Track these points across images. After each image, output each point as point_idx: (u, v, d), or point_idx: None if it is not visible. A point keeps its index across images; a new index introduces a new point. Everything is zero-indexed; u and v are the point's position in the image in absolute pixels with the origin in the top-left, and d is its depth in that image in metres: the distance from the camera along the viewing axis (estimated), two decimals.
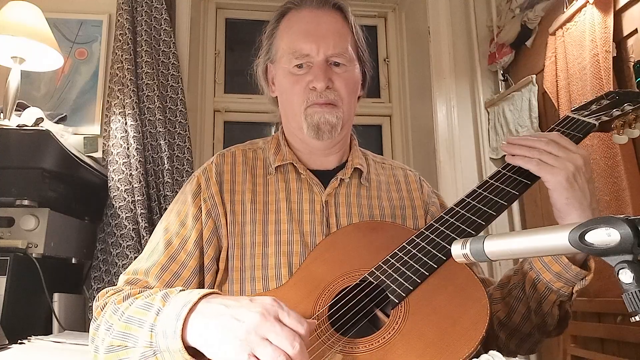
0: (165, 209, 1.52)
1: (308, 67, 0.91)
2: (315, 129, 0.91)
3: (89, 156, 1.82)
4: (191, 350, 0.64)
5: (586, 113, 0.89)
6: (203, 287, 0.87)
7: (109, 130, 1.98)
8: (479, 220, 0.77)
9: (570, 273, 0.75)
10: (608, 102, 0.91)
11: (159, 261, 0.84)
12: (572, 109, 0.93)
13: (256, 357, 0.58)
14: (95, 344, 0.75)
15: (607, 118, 0.87)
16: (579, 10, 1.71)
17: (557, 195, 0.75)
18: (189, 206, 0.91)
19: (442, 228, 0.79)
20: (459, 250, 0.64)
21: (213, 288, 0.88)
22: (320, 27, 0.92)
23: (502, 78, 2.28)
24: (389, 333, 0.67)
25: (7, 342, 1.21)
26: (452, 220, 0.79)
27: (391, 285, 0.73)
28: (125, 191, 1.88)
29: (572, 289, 0.77)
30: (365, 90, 1.02)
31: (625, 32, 1.56)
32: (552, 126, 0.87)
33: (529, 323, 0.82)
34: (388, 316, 0.71)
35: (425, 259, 0.75)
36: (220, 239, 0.89)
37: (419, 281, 0.73)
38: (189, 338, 0.64)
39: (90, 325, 0.78)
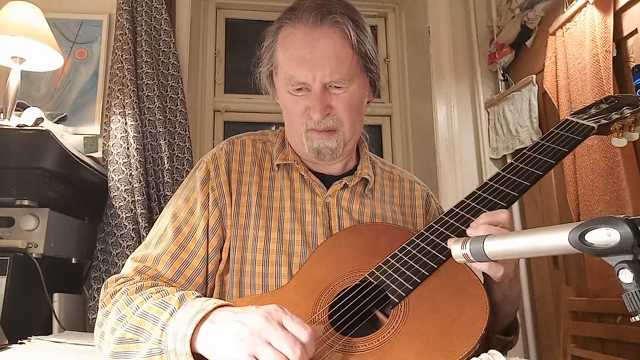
0: None
1: (306, 90, 0.88)
2: (316, 152, 0.91)
3: (89, 156, 1.81)
4: (197, 356, 0.64)
5: (585, 116, 0.90)
6: (208, 276, 0.88)
7: (109, 130, 1.97)
8: None
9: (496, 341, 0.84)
10: (607, 105, 0.92)
11: (169, 249, 0.85)
12: (572, 112, 0.93)
13: (257, 358, 0.59)
14: (102, 329, 0.76)
15: (606, 121, 0.87)
16: (579, 10, 1.71)
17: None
18: (198, 193, 0.91)
19: (442, 229, 0.79)
20: (459, 250, 0.64)
21: (214, 277, 0.89)
22: (315, 53, 0.85)
23: (502, 78, 2.28)
24: (389, 332, 0.67)
25: (7, 342, 1.21)
26: (451, 221, 0.79)
27: (391, 285, 0.74)
28: (125, 191, 1.87)
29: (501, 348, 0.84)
30: (376, 93, 1.00)
31: (625, 32, 1.56)
32: (551, 129, 0.88)
33: None
34: (388, 316, 0.71)
35: (425, 259, 0.76)
36: (224, 229, 0.90)
37: (419, 281, 0.73)
38: (197, 344, 0.65)
39: (99, 310, 0.79)
